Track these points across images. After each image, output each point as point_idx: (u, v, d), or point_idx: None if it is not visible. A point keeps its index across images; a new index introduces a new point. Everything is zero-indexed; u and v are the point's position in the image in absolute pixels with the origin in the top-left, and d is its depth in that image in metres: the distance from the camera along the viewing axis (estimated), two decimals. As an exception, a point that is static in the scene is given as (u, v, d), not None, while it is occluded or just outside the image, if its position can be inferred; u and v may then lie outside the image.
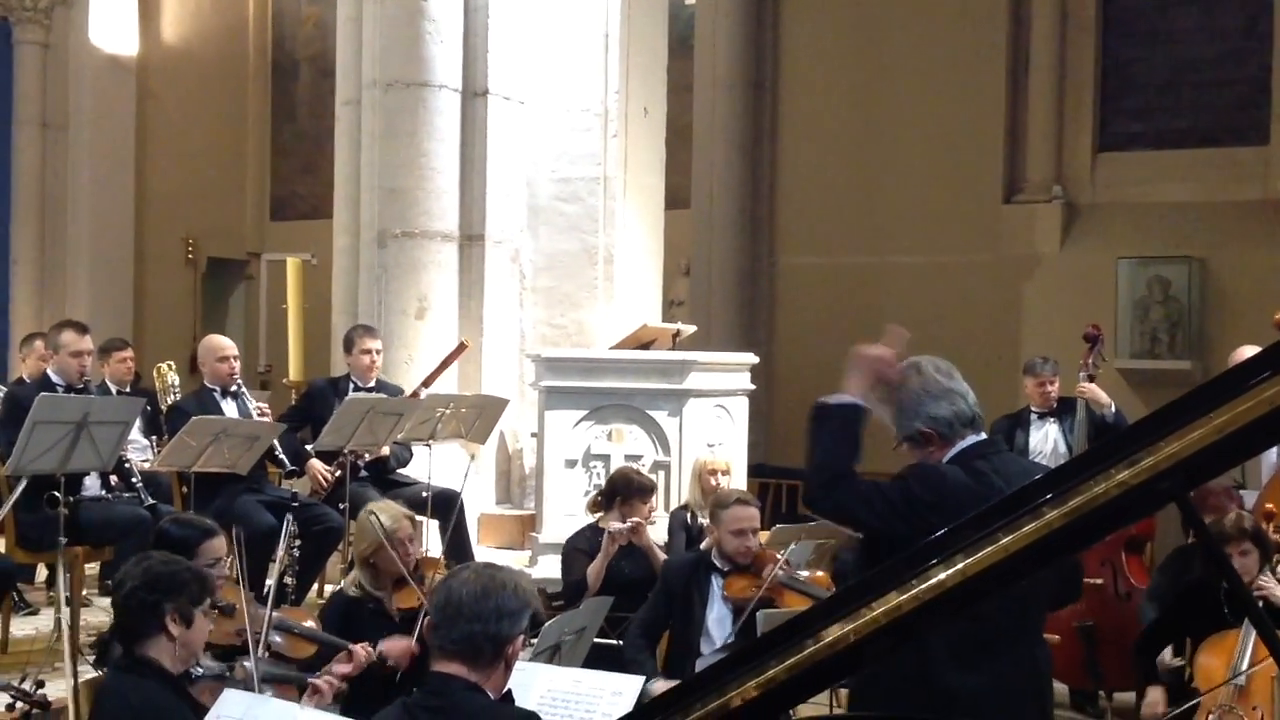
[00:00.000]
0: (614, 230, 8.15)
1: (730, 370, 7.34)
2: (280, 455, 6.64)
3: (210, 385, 6.72)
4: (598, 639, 4.58)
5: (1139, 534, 6.39)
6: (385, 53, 7.50)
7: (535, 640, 3.87)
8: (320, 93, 13.35)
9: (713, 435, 6.96)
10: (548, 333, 8.06)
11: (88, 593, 6.56)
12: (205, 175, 13.84)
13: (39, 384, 6.43)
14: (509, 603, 2.78)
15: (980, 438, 3.23)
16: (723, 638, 4.84)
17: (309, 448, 6.83)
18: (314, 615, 4.86)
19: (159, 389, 8.52)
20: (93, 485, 6.22)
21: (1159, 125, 10.59)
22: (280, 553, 4.89)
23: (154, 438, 7.71)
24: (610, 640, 4.95)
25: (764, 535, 5.42)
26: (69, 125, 12.57)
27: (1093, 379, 6.57)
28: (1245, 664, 4.39)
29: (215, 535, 4.16)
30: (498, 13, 7.79)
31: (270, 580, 4.71)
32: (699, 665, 4.66)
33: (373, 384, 7.00)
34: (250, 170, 14.70)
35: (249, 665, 3.73)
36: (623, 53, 8.13)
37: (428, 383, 7.08)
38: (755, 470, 9.14)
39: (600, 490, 6.07)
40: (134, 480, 6.36)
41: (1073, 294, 10.23)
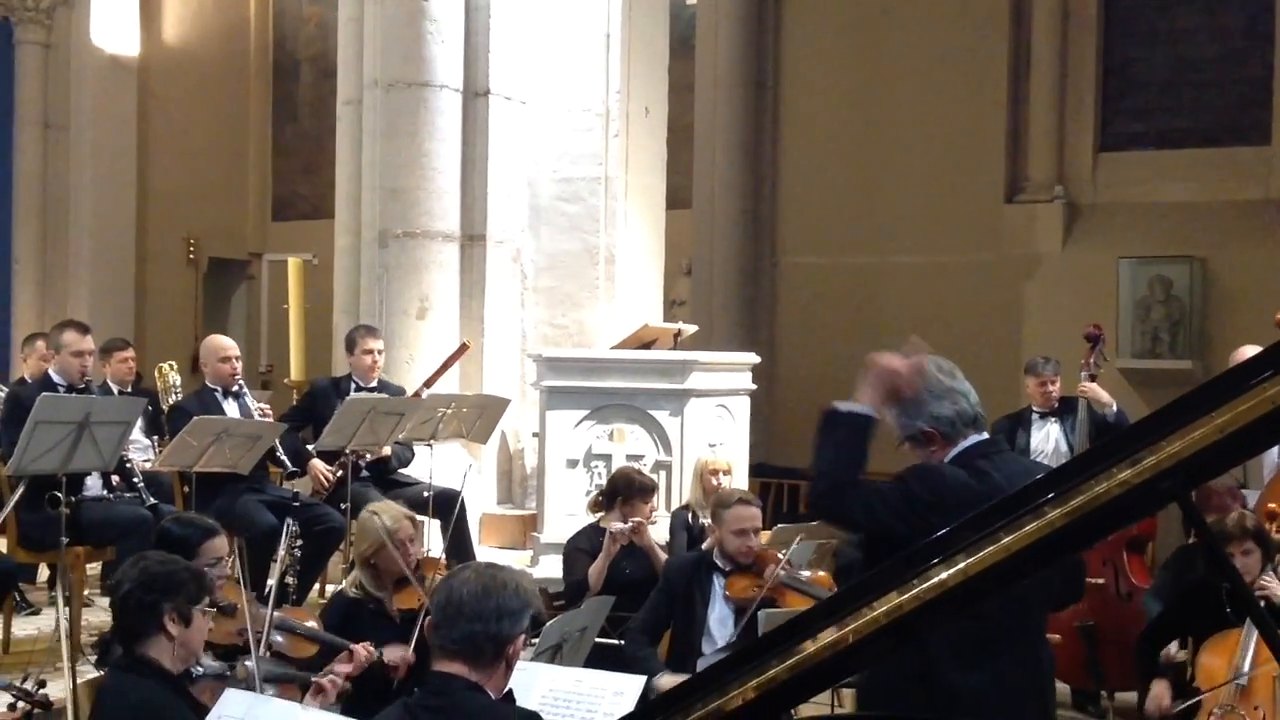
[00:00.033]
0: (615, 230, 8.15)
1: (731, 370, 7.34)
2: (281, 456, 6.63)
3: (212, 385, 6.72)
4: (599, 639, 4.58)
5: (1140, 534, 6.39)
6: (386, 53, 7.50)
7: (536, 640, 3.86)
8: (322, 93, 13.34)
9: (714, 435, 6.96)
10: (549, 333, 8.06)
11: (89, 593, 6.57)
12: (206, 175, 13.83)
13: (40, 384, 6.44)
14: (510, 602, 2.77)
15: (982, 437, 3.23)
16: (724, 637, 4.84)
17: (310, 448, 6.83)
18: (315, 615, 4.86)
19: (160, 389, 8.51)
20: (94, 485, 6.22)
21: (1160, 125, 10.59)
22: (281, 553, 4.88)
23: (155, 438, 7.71)
24: (611, 640, 4.95)
25: (765, 535, 5.42)
26: (70, 125, 12.56)
27: (1094, 379, 6.56)
28: (1247, 664, 4.39)
29: (216, 535, 4.16)
30: (499, 13, 7.79)
31: (271, 580, 4.71)
32: (700, 665, 4.66)
33: (374, 384, 7.00)
34: (251, 170, 14.69)
35: (250, 665, 3.73)
36: (624, 53, 8.12)
37: (429, 383, 7.09)
38: (756, 470, 9.15)
39: (601, 490, 6.06)
40: (135, 480, 6.36)
41: (1074, 294, 10.23)
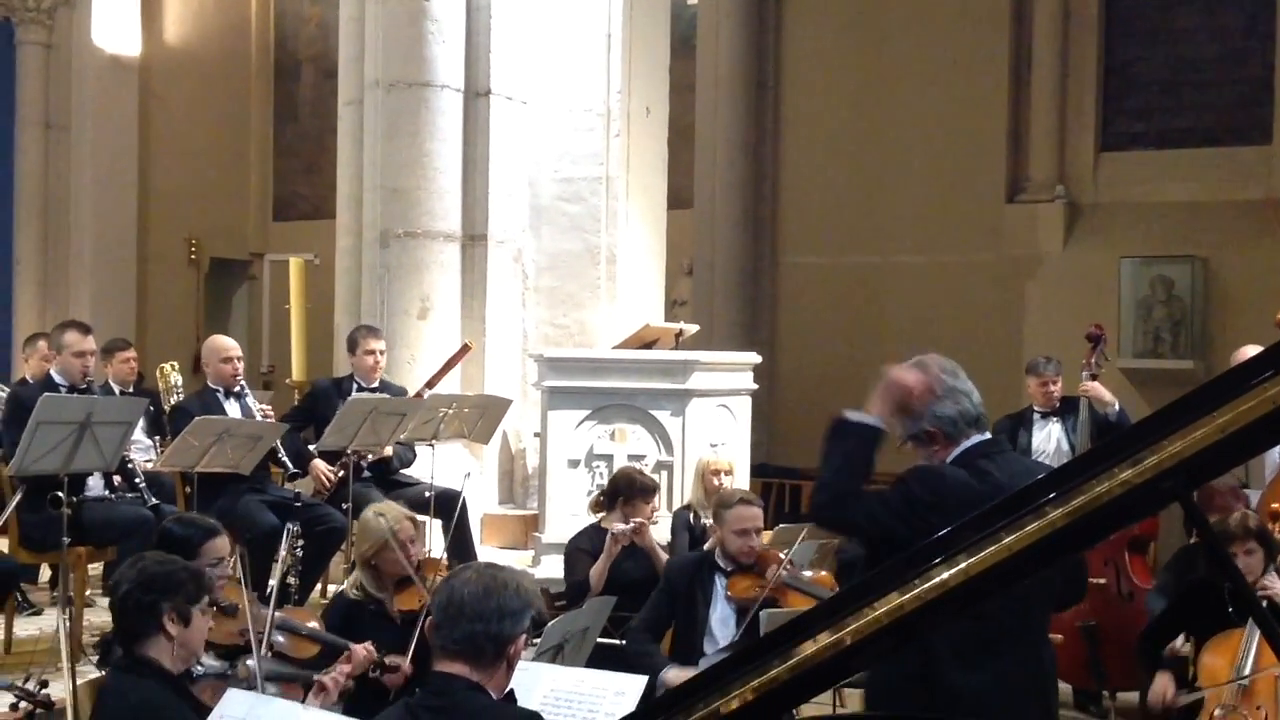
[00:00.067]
0: (616, 230, 8.15)
1: (733, 370, 7.34)
2: (283, 456, 6.62)
3: (213, 385, 6.72)
4: (601, 639, 4.57)
5: (1142, 534, 6.39)
6: (388, 53, 7.50)
7: (538, 640, 3.86)
8: (323, 93, 13.35)
9: (715, 435, 6.96)
10: (550, 333, 8.06)
11: (91, 593, 6.56)
12: (208, 175, 13.83)
13: (42, 384, 6.43)
14: (511, 602, 2.77)
15: (985, 437, 3.23)
16: (726, 638, 4.84)
17: (312, 448, 6.83)
18: (317, 616, 4.85)
19: (162, 389, 8.51)
20: (96, 485, 6.21)
21: (1161, 125, 10.59)
22: (283, 553, 4.88)
23: (157, 438, 7.70)
24: (613, 640, 4.95)
25: (767, 535, 5.42)
26: (71, 126, 12.56)
27: (1095, 378, 6.56)
28: (1249, 664, 4.38)
29: (218, 535, 4.16)
30: (500, 13, 7.79)
31: (273, 580, 4.71)
32: (702, 665, 4.66)
33: (376, 384, 7.00)
34: (253, 170, 14.69)
35: (251, 664, 3.73)
36: (625, 53, 8.12)
37: (431, 384, 7.08)
38: (758, 470, 9.14)
39: (603, 490, 6.06)
40: (137, 480, 6.36)
41: (1075, 293, 10.23)
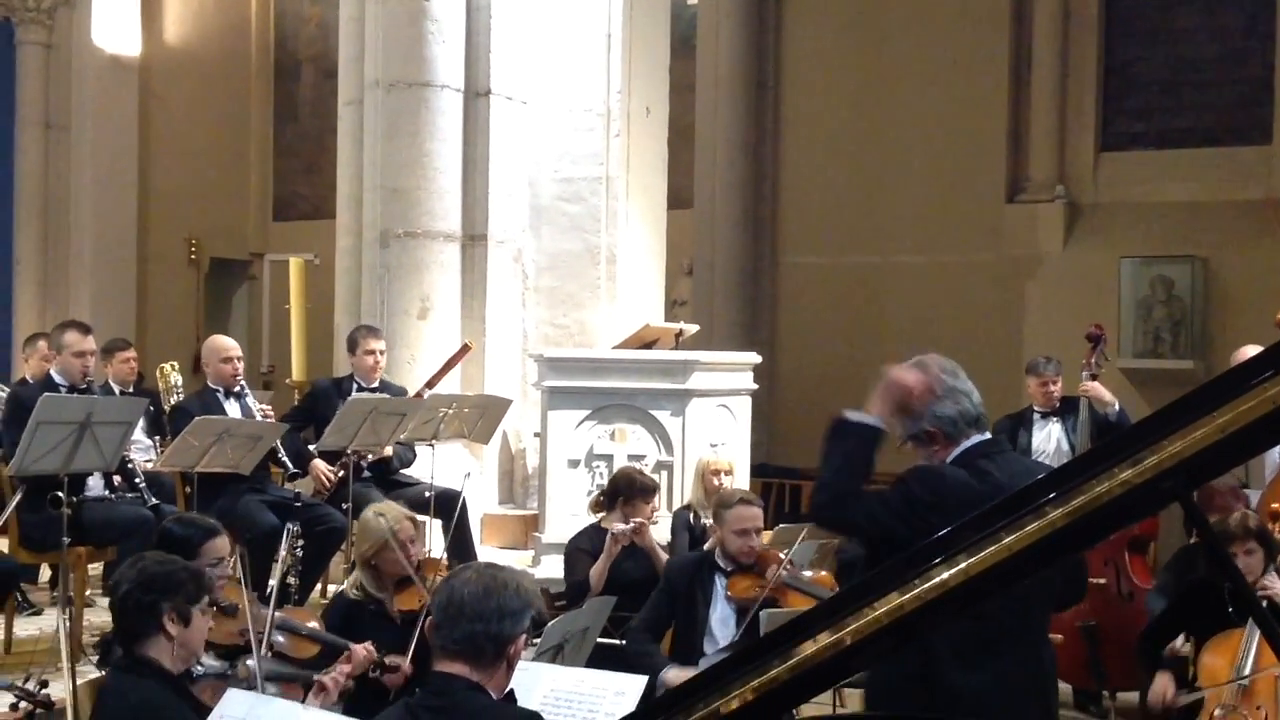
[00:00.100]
0: (616, 230, 8.15)
1: (733, 370, 7.34)
2: (283, 456, 6.62)
3: (213, 386, 6.72)
4: (601, 639, 4.58)
5: (1142, 534, 6.39)
6: (387, 53, 7.50)
7: (538, 640, 3.86)
8: (323, 93, 13.35)
9: (715, 435, 6.96)
10: (550, 333, 8.06)
11: (91, 593, 6.56)
12: (208, 175, 13.83)
13: (42, 384, 6.43)
14: (511, 602, 2.77)
15: (985, 437, 3.23)
16: (726, 638, 4.84)
17: (312, 448, 6.82)
18: (317, 616, 4.85)
19: (162, 389, 8.51)
20: (96, 485, 6.21)
21: (1161, 125, 10.59)
22: (283, 553, 4.88)
23: (157, 438, 7.70)
24: (613, 640, 4.95)
25: (767, 535, 5.42)
26: (71, 126, 12.56)
27: (1095, 378, 6.56)
28: (1249, 664, 4.38)
29: (218, 535, 4.16)
30: (500, 13, 7.79)
31: (273, 580, 4.70)
32: (702, 665, 4.66)
33: (376, 384, 7.00)
34: (253, 170, 14.69)
35: (251, 664, 3.73)
36: (625, 53, 8.12)
37: (431, 384, 7.08)
38: (758, 470, 9.14)
39: (603, 490, 6.05)
40: (137, 480, 6.36)
41: (1075, 293, 10.23)
